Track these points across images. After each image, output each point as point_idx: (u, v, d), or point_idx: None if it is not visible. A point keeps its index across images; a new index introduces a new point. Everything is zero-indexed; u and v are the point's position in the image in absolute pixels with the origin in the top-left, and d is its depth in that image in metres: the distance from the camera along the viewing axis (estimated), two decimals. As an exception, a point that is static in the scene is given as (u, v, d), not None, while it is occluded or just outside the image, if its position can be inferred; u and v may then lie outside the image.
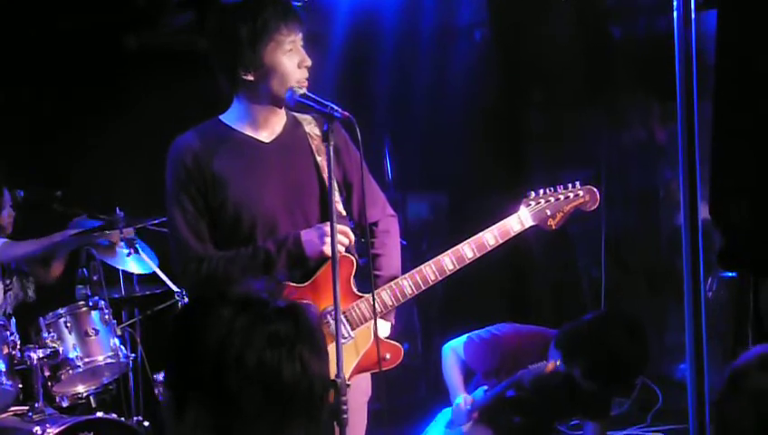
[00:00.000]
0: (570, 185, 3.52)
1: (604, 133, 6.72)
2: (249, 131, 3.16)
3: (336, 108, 2.86)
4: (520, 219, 3.39)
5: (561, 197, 3.48)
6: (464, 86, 6.65)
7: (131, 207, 4.85)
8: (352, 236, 3.11)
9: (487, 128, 6.89)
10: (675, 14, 3.16)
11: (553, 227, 3.48)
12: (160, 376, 4.24)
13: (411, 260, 3.35)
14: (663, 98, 6.27)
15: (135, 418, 4.34)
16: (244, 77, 3.05)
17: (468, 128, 6.69)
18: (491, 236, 3.31)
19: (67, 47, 5.78)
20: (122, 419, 4.05)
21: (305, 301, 3.01)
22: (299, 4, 3.15)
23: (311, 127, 3.24)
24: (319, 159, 3.19)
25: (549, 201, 3.45)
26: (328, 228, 2.99)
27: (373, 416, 3.32)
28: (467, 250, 3.28)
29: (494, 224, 3.35)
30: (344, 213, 3.22)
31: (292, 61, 3.03)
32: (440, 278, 3.24)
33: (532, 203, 3.44)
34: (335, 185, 3.02)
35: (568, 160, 6.71)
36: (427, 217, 6.96)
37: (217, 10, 3.18)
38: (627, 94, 6.69)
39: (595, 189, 3.53)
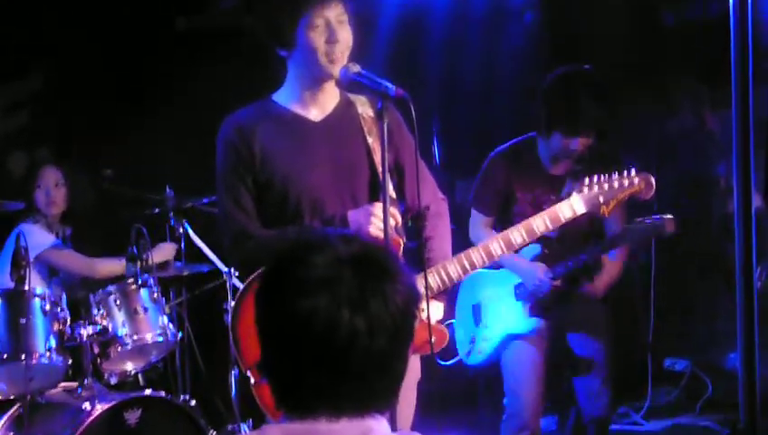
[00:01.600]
0: (625, 172, 3.43)
1: (655, 119, 6.63)
2: (298, 109, 3.16)
3: (390, 86, 2.83)
4: (571, 206, 3.34)
5: (616, 184, 3.39)
6: (513, 68, 6.58)
7: (181, 187, 4.89)
8: (399, 218, 3.09)
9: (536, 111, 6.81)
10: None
11: (606, 214, 3.40)
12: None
13: (459, 244, 3.31)
14: (714, 84, 6.17)
15: (182, 396, 4.36)
16: (280, 53, 3.09)
17: (517, 111, 6.63)
18: (541, 222, 3.27)
19: (115, 29, 5.81)
20: (170, 396, 4.06)
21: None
22: None
23: (364, 108, 3.22)
24: (370, 140, 3.17)
25: (603, 188, 3.37)
26: (375, 209, 2.99)
27: (422, 398, 3.30)
28: (516, 235, 3.24)
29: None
30: (394, 195, 3.20)
31: (320, 36, 3.00)
32: (488, 263, 3.21)
33: (585, 189, 3.37)
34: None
35: (617, 146, 6.61)
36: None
37: None
38: (678, 79, 6.59)
39: (651, 177, 3.43)
